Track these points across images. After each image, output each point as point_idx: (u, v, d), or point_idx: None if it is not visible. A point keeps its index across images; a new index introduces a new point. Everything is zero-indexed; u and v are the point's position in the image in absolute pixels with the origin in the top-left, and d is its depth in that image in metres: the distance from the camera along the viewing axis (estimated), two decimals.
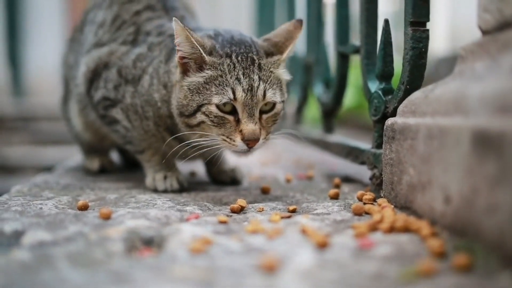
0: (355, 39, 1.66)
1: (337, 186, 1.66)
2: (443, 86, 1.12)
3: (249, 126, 1.30)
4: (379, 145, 1.45)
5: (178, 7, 1.70)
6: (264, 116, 1.35)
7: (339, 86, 1.84)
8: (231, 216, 1.23)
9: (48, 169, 2.38)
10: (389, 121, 1.30)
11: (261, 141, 1.33)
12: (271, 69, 1.36)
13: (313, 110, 3.61)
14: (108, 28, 1.67)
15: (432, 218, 1.04)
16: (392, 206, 1.23)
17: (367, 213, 1.23)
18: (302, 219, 1.16)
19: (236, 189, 1.62)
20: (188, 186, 1.58)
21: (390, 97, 1.41)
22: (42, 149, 5.41)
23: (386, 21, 1.43)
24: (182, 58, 1.34)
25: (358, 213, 1.23)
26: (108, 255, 0.90)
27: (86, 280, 0.78)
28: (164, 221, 1.14)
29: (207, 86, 1.32)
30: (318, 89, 2.03)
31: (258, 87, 1.31)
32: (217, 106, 1.31)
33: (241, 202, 1.31)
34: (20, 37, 7.81)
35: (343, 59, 1.81)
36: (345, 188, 1.64)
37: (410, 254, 0.91)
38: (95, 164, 1.89)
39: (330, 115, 1.97)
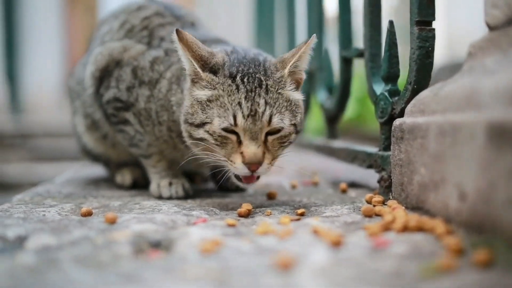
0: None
1: (344, 191, 1.64)
2: (452, 83, 1.10)
3: (249, 149, 1.22)
4: (386, 147, 1.43)
5: (186, 14, 1.68)
6: (270, 138, 1.26)
7: (343, 91, 1.83)
8: (239, 220, 1.21)
9: None
10: (397, 121, 1.28)
11: (265, 165, 1.24)
12: (279, 91, 1.27)
13: (314, 121, 3.60)
14: (115, 32, 1.63)
15: (447, 216, 1.02)
16: (403, 207, 1.21)
17: (377, 215, 1.21)
18: (312, 221, 1.13)
19: (242, 195, 1.60)
20: (193, 193, 1.56)
21: (396, 98, 1.39)
22: (40, 166, 5.38)
23: (391, 22, 1.42)
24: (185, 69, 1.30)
25: (368, 215, 1.20)
26: (116, 258, 0.87)
27: (95, 280, 0.76)
28: (170, 225, 1.11)
29: (210, 105, 1.25)
30: (322, 96, 2.02)
31: (263, 112, 1.22)
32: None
33: (247, 206, 1.28)
34: (18, 54, 7.82)
35: (347, 64, 1.80)
36: (352, 193, 1.61)
37: (427, 252, 0.88)
38: (127, 178, 1.74)
39: (334, 121, 1.96)
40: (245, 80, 1.25)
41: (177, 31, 1.25)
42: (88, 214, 1.26)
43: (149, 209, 1.30)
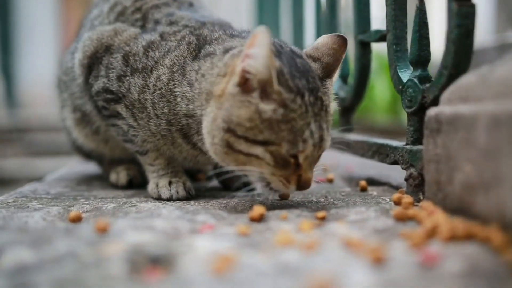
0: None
1: (364, 189, 1.47)
2: (506, 65, 0.94)
3: (308, 175, 1.14)
4: (415, 141, 1.27)
5: None
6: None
7: (360, 77, 1.66)
8: (251, 226, 1.04)
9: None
10: (432, 111, 1.11)
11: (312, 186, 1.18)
12: (330, 105, 1.16)
13: None
14: (105, 15, 1.47)
15: (502, 223, 0.85)
16: (440, 210, 1.05)
17: (410, 218, 1.05)
18: (338, 228, 0.97)
19: (250, 195, 1.43)
20: (196, 193, 1.39)
21: (428, 85, 1.23)
22: (37, 161, 5.23)
23: (421, 0, 1.25)
24: (247, 72, 1.09)
25: (401, 219, 1.04)
26: (107, 280, 0.71)
27: None
28: (172, 234, 0.94)
29: (280, 126, 1.08)
30: (335, 85, 1.85)
31: (326, 140, 1.14)
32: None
33: (259, 209, 1.11)
34: (14, 48, 7.66)
35: (365, 48, 1.63)
36: (373, 191, 1.45)
37: (487, 271, 0.72)
38: (122, 176, 1.59)
39: (349, 111, 1.79)
40: (311, 100, 1.11)
41: (264, 30, 1.04)
42: (77, 219, 1.10)
43: (147, 213, 1.14)
